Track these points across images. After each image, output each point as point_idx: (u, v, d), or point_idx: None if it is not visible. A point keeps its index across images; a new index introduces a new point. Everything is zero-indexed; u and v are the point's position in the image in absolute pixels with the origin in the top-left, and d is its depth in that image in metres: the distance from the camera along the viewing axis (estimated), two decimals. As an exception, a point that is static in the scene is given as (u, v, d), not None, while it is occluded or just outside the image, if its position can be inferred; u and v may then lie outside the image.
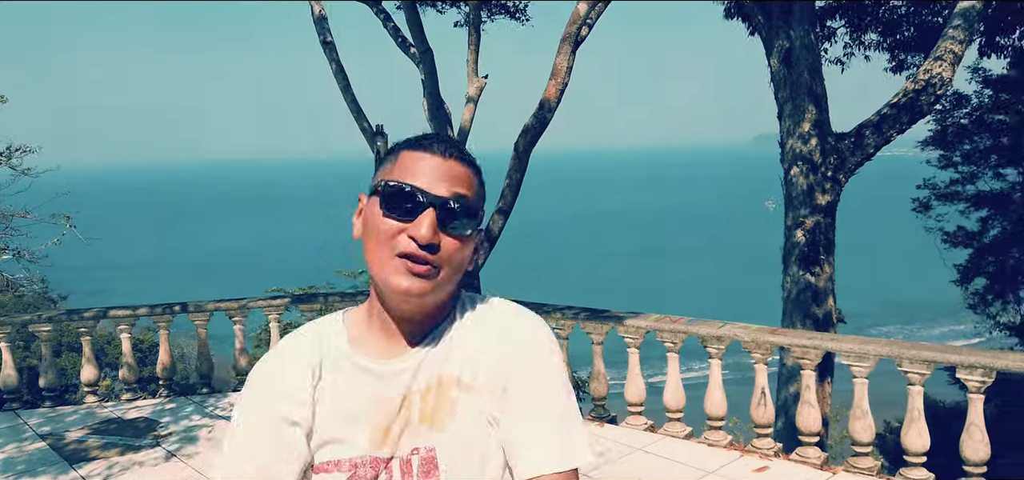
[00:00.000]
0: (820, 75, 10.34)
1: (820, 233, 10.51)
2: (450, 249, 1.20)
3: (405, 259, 1.18)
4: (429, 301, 1.23)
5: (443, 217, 1.19)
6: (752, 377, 6.28)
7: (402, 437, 1.24)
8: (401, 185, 1.19)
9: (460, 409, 1.25)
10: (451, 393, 1.25)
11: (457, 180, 1.21)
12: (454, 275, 1.23)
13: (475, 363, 1.27)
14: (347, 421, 1.25)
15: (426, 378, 1.26)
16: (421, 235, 1.16)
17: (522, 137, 9.61)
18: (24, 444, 6.67)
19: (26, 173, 12.12)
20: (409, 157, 1.23)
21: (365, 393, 1.26)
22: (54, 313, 8.50)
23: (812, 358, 5.88)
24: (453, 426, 1.24)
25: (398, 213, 1.19)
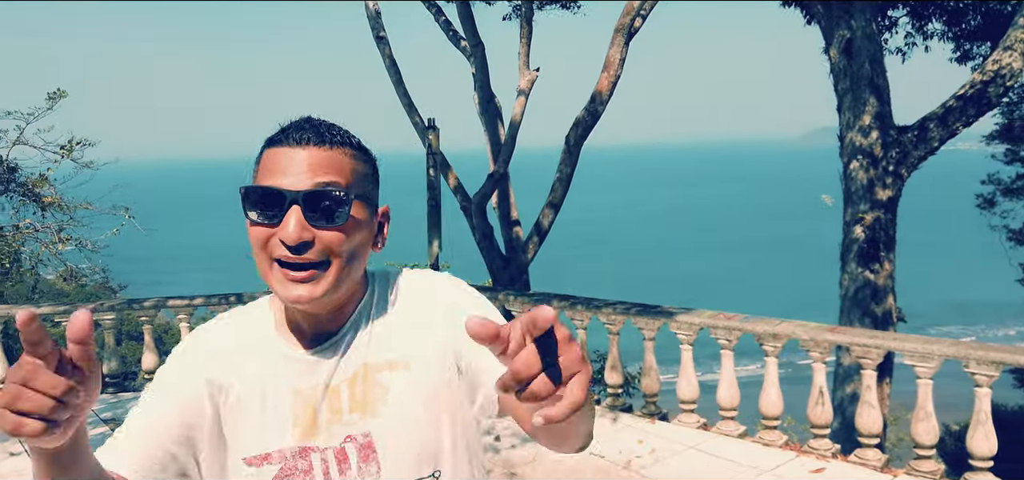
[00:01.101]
0: (882, 66, 10.03)
1: (880, 229, 10.22)
2: (331, 242, 1.12)
3: (284, 268, 1.11)
4: (325, 302, 1.16)
5: (312, 211, 1.10)
6: (806, 376, 6.12)
7: (332, 426, 1.21)
8: (258, 188, 1.12)
9: (392, 390, 1.21)
10: (381, 377, 1.22)
11: (322, 168, 1.12)
12: (348, 266, 1.15)
13: (399, 340, 1.24)
14: (272, 410, 1.21)
15: (351, 366, 1.22)
16: (288, 236, 1.09)
17: (573, 130, 9.54)
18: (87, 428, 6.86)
19: (88, 166, 12.54)
20: (268, 155, 1.15)
21: (289, 382, 1.22)
22: (116, 302, 8.75)
23: (873, 357, 5.69)
24: (385, 410, 1.21)
25: (264, 218, 1.11)
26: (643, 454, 5.97)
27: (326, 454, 1.20)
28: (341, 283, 1.15)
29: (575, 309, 7.36)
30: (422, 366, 1.22)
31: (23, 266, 12.97)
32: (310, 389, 1.21)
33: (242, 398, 1.22)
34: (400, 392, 1.21)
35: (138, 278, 35.16)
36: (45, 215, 12.33)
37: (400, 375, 1.22)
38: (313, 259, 1.11)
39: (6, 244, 12.10)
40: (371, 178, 1.22)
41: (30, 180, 12.32)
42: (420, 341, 1.23)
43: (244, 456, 1.21)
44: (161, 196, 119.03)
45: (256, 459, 1.20)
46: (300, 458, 1.20)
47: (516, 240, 10.64)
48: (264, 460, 1.20)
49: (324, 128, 1.16)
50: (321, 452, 1.20)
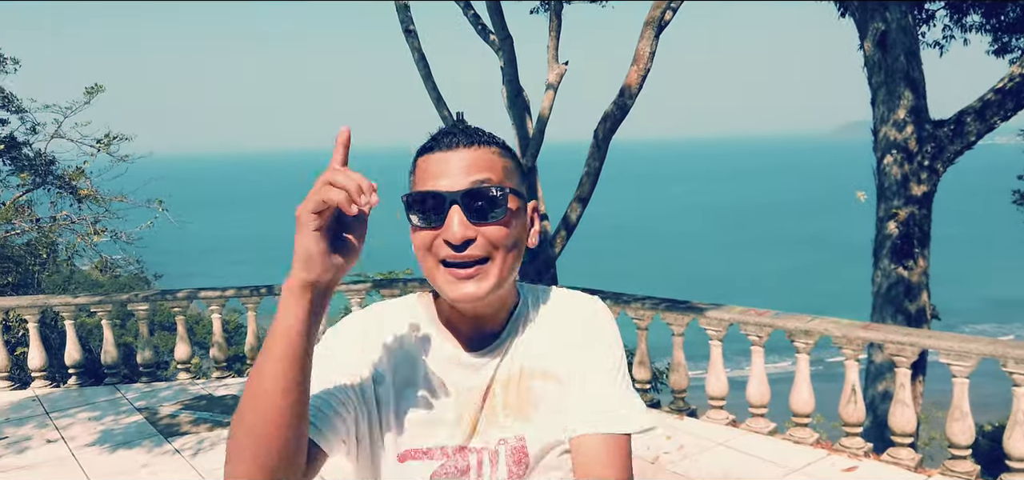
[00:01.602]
0: (917, 59, 9.85)
1: (914, 225, 10.04)
2: (491, 237, 1.16)
3: (450, 267, 1.16)
4: (491, 298, 1.19)
5: (470, 209, 1.14)
6: (837, 373, 6.04)
7: (490, 428, 1.25)
8: (419, 193, 1.17)
9: (545, 400, 1.25)
10: (534, 384, 1.26)
11: (476, 166, 1.16)
12: (508, 260, 1.19)
13: (552, 354, 1.28)
14: (431, 408, 1.24)
15: (508, 370, 1.26)
16: (453, 235, 1.13)
17: (602, 124, 9.49)
18: (121, 417, 7.00)
19: (124, 160, 12.74)
20: (423, 162, 1.20)
21: (451, 381, 1.25)
22: (150, 293, 8.88)
23: (908, 355, 5.60)
24: (537, 416, 1.24)
25: (427, 221, 1.16)
26: (671, 450, 5.94)
27: (482, 455, 1.24)
28: (504, 277, 1.19)
29: (633, 305, 7.33)
30: (569, 384, 1.26)
31: (59, 257, 13.22)
32: (469, 390, 1.25)
33: (402, 392, 1.25)
34: (551, 403, 1.26)
35: (171, 270, 35.72)
36: (81, 207, 12.56)
37: (552, 387, 1.26)
38: (476, 255, 1.15)
39: (44, 235, 12.34)
40: (519, 173, 1.25)
41: (67, 173, 12.55)
42: (570, 361, 1.27)
43: (401, 451, 1.24)
44: (194, 189, 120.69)
45: (415, 453, 1.23)
46: (458, 457, 1.23)
47: (544, 234, 10.63)
48: (424, 455, 1.23)
49: (472, 130, 1.21)
50: (478, 452, 1.24)
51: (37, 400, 7.60)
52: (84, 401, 7.52)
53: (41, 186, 12.64)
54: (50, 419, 6.97)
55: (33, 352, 8.11)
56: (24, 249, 12.36)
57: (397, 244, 11.54)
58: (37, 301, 8.25)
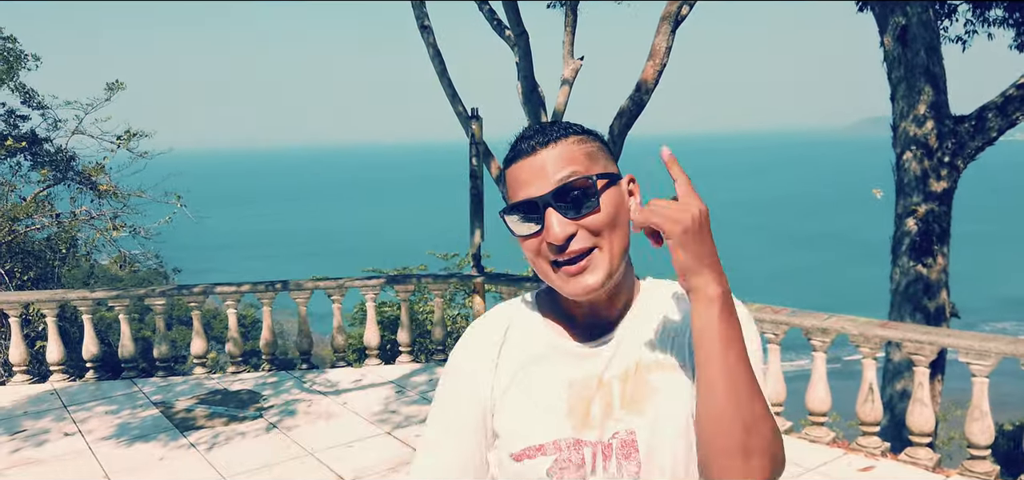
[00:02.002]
0: (938, 54, 9.73)
1: (933, 222, 9.93)
2: (592, 226, 1.18)
3: (562, 267, 1.18)
4: (604, 288, 1.21)
5: (564, 206, 1.17)
6: (853, 370, 5.98)
7: (605, 421, 1.24)
8: (514, 205, 1.20)
9: (662, 392, 1.24)
10: (651, 377, 1.25)
11: (559, 163, 1.18)
12: (613, 244, 1.20)
13: (668, 346, 1.27)
14: (547, 399, 1.25)
15: (624, 362, 1.26)
16: (554, 236, 1.16)
17: (617, 120, 9.43)
18: (138, 410, 7.05)
19: (142, 156, 12.85)
20: (511, 174, 1.23)
21: (564, 373, 1.26)
22: (166, 288, 8.95)
23: (926, 354, 5.53)
24: (652, 409, 1.23)
25: (529, 229, 1.20)
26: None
27: (597, 448, 1.23)
28: (615, 266, 1.20)
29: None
30: (688, 377, 1.24)
31: (79, 252, 13.35)
32: (584, 381, 1.25)
33: (518, 392, 1.27)
34: (668, 395, 1.23)
35: (190, 264, 36.01)
36: (101, 203, 12.68)
37: (669, 378, 1.24)
38: (581, 249, 1.17)
39: (64, 231, 12.46)
40: (605, 153, 1.26)
41: (87, 169, 12.66)
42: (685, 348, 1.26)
43: (517, 448, 1.25)
44: (212, 185, 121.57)
45: (530, 450, 1.24)
46: (574, 450, 1.23)
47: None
48: (539, 451, 1.23)
49: (546, 128, 1.23)
50: (593, 446, 1.23)
51: (55, 393, 7.68)
52: (101, 395, 7.59)
53: (61, 182, 12.78)
54: (68, 412, 7.03)
55: (51, 346, 8.19)
56: (44, 244, 12.49)
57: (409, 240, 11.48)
58: (55, 295, 8.32)
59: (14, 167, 12.74)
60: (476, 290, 8.56)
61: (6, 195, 12.38)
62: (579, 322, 1.28)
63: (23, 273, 11.51)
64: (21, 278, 11.41)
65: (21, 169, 12.83)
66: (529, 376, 1.27)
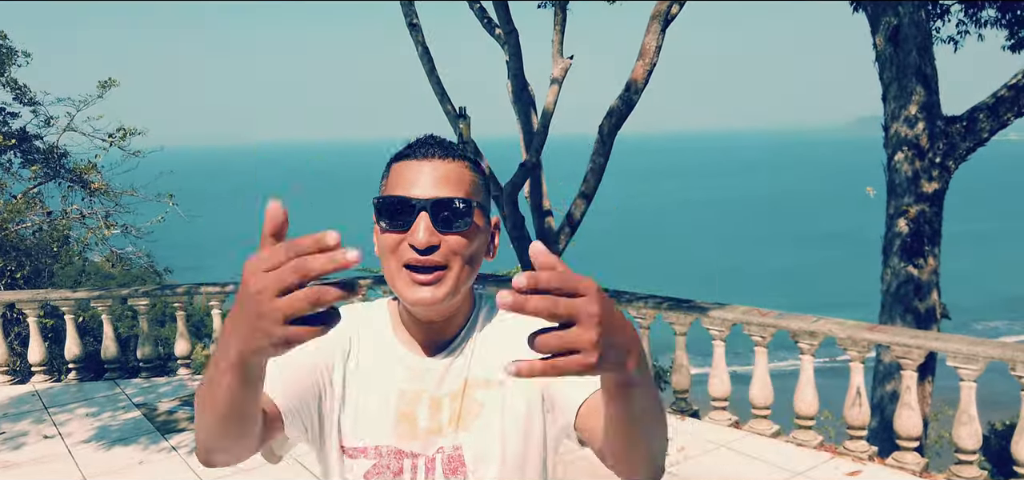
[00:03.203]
0: (930, 54, 9.69)
1: (925, 223, 9.90)
2: (453, 247, 1.20)
3: (411, 271, 1.20)
4: (445, 305, 1.24)
5: (438, 218, 1.19)
6: (843, 368, 5.93)
7: (429, 435, 1.28)
8: (391, 197, 1.21)
9: (487, 407, 1.29)
10: (477, 395, 1.30)
11: (447, 179, 1.22)
12: (466, 271, 1.23)
13: (496, 361, 1.30)
14: (377, 405, 1.29)
15: (455, 381, 1.30)
16: (418, 240, 1.18)
17: (607, 119, 9.39)
18: (119, 413, 6.97)
19: (135, 155, 12.75)
20: (398, 168, 1.25)
21: (397, 382, 1.30)
22: (150, 288, 8.86)
23: (914, 358, 5.49)
24: (478, 425, 1.28)
25: (396, 225, 1.21)
26: (672, 452, 5.85)
27: (418, 461, 1.28)
28: (459, 287, 1.23)
29: (636, 305, 7.24)
30: (515, 389, 1.29)
31: (71, 250, 13.25)
32: (415, 394, 1.30)
33: (353, 388, 1.30)
34: (493, 410, 1.29)
35: (182, 263, 35.86)
36: (93, 201, 12.57)
37: (495, 394, 1.30)
38: (438, 262, 1.19)
39: (55, 229, 12.36)
40: (485, 190, 1.30)
41: (79, 167, 12.56)
42: None
43: (346, 443, 1.29)
44: (204, 183, 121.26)
45: (354, 450, 1.28)
46: (393, 459, 1.28)
47: (548, 230, 10.54)
48: (361, 453, 1.28)
49: (446, 144, 1.27)
50: (413, 457, 1.28)
51: (36, 395, 7.59)
52: (83, 396, 7.50)
53: (53, 179, 12.67)
54: (48, 414, 6.95)
55: (33, 346, 8.10)
56: (36, 242, 12.39)
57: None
58: (37, 295, 8.23)
59: (5, 164, 12.63)
60: (464, 291, 8.50)
61: (-3, 192, 12.28)
62: (419, 336, 1.32)
63: (15, 271, 11.40)
64: (12, 276, 11.31)
65: (12, 166, 12.72)
66: (368, 378, 1.31)
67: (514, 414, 1.28)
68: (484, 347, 1.32)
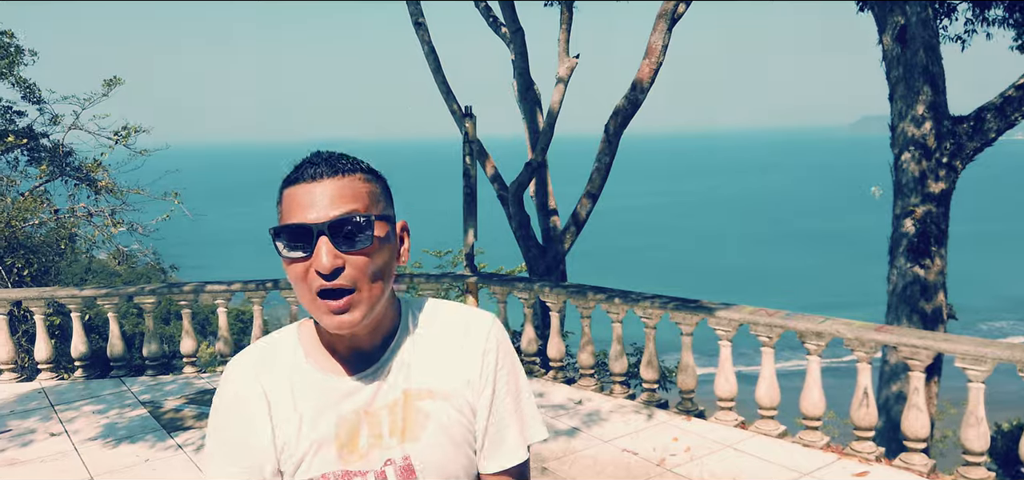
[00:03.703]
0: (937, 54, 9.65)
1: (931, 223, 9.86)
2: (360, 266, 1.19)
3: (325, 299, 1.19)
4: (363, 325, 1.23)
5: (338, 238, 1.18)
6: (849, 368, 5.91)
7: (372, 450, 1.28)
8: (286, 226, 1.19)
9: (433, 417, 1.30)
10: (421, 404, 1.30)
11: (341, 197, 1.19)
12: (377, 285, 1.22)
13: (439, 371, 1.32)
14: (314, 438, 1.27)
15: (392, 392, 1.30)
16: (321, 265, 1.16)
17: (612, 119, 9.37)
18: (126, 410, 6.97)
19: (141, 153, 12.78)
20: (290, 193, 1.22)
21: (330, 406, 1.28)
22: (156, 286, 8.87)
23: (922, 359, 5.46)
24: (426, 436, 1.29)
25: (297, 253, 1.19)
26: (678, 452, 5.83)
27: (367, 477, 1.28)
28: (376, 303, 1.23)
29: (612, 302, 7.22)
30: (459, 398, 1.32)
31: (78, 247, 13.29)
32: (352, 413, 1.28)
33: (290, 428, 1.28)
34: (440, 420, 1.31)
35: (187, 261, 35.91)
36: (99, 199, 12.60)
37: (441, 405, 1.31)
38: (346, 285, 1.18)
39: (62, 226, 12.40)
40: (385, 196, 1.28)
41: (85, 165, 12.59)
42: (458, 375, 1.33)
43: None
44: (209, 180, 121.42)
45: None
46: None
47: (553, 230, 10.53)
48: None
49: (334, 159, 1.23)
50: (362, 475, 1.28)
51: (43, 392, 7.60)
52: (89, 394, 7.52)
53: (59, 177, 12.71)
54: (55, 412, 6.96)
55: (40, 344, 8.12)
56: (43, 239, 12.42)
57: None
58: (44, 293, 8.25)
59: (12, 162, 12.67)
60: (469, 290, 8.49)
61: (5, 190, 12.31)
62: (343, 353, 1.30)
63: (22, 269, 11.43)
64: (20, 274, 11.34)
65: (19, 164, 12.76)
66: (300, 414, 1.28)
67: (462, 424, 1.32)
68: (421, 356, 1.33)
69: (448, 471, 1.31)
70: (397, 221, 1.31)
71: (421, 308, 1.39)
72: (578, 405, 6.95)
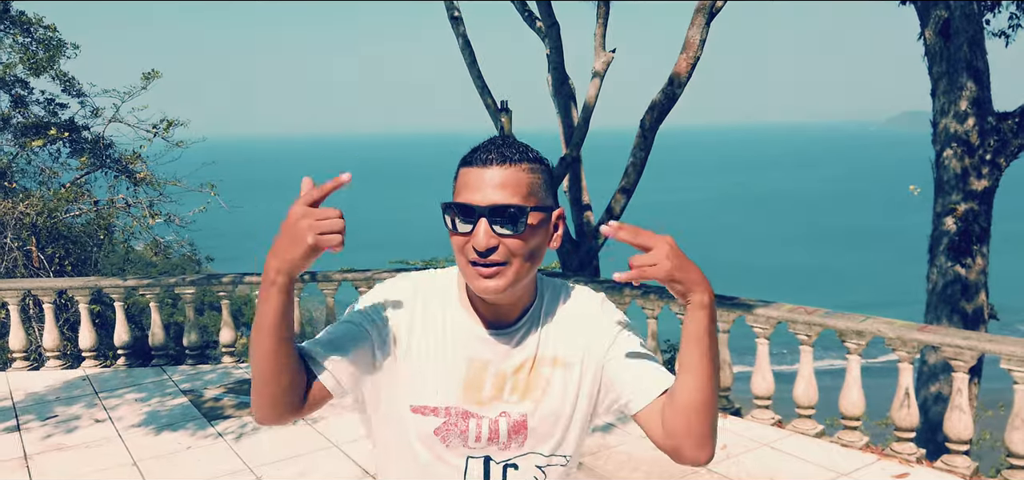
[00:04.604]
0: (981, 48, 9.45)
1: (973, 221, 9.68)
2: (511, 247, 1.35)
3: (476, 266, 1.35)
4: (507, 295, 1.38)
5: (495, 222, 1.33)
6: (884, 368, 5.82)
7: (493, 401, 1.44)
8: (455, 204, 1.37)
9: (553, 383, 1.46)
10: (544, 370, 1.47)
11: (504, 185, 1.34)
12: (525, 266, 1.37)
13: (565, 343, 1.48)
14: (447, 369, 1.44)
15: (520, 357, 1.46)
16: (478, 243, 1.33)
17: (648, 113, 9.31)
18: (167, 399, 7.11)
19: (178, 146, 12.99)
20: (463, 174, 1.39)
21: (466, 350, 1.45)
22: (196, 276, 9.02)
23: (966, 360, 5.36)
24: (543, 399, 1.45)
25: (461, 228, 1.36)
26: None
27: (482, 422, 1.44)
28: (520, 279, 1.38)
29: (647, 298, 7.19)
30: (579, 370, 1.48)
31: (116, 238, 13.54)
32: (482, 364, 1.45)
33: (423, 346, 1.45)
34: (557, 386, 1.47)
35: (222, 253, 36.44)
36: (137, 191, 12.84)
37: (560, 373, 1.47)
38: (498, 260, 1.34)
39: (101, 217, 12.65)
40: (546, 185, 1.42)
41: (124, 157, 12.84)
42: (582, 349, 1.48)
43: (414, 403, 1.44)
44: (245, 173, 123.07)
45: (423, 408, 1.44)
46: (461, 419, 1.43)
47: (586, 225, 10.51)
48: (432, 412, 1.43)
49: (505, 148, 1.37)
50: (478, 419, 1.44)
51: (87, 379, 7.78)
52: (131, 382, 7.68)
53: (99, 169, 12.96)
54: (99, 399, 7.12)
55: (84, 332, 8.30)
56: (83, 230, 12.69)
57: (439, 233, 11.30)
58: (88, 282, 8.43)
59: (54, 154, 12.95)
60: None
61: (47, 181, 12.59)
62: (485, 312, 1.46)
63: (63, 259, 11.70)
64: (61, 263, 11.60)
65: (61, 156, 13.04)
66: (436, 343, 1.45)
67: (575, 394, 1.47)
68: (551, 329, 1.49)
69: (556, 435, 1.47)
70: (555, 210, 1.43)
71: (559, 287, 1.55)
72: (612, 401, 6.94)
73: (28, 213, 10.92)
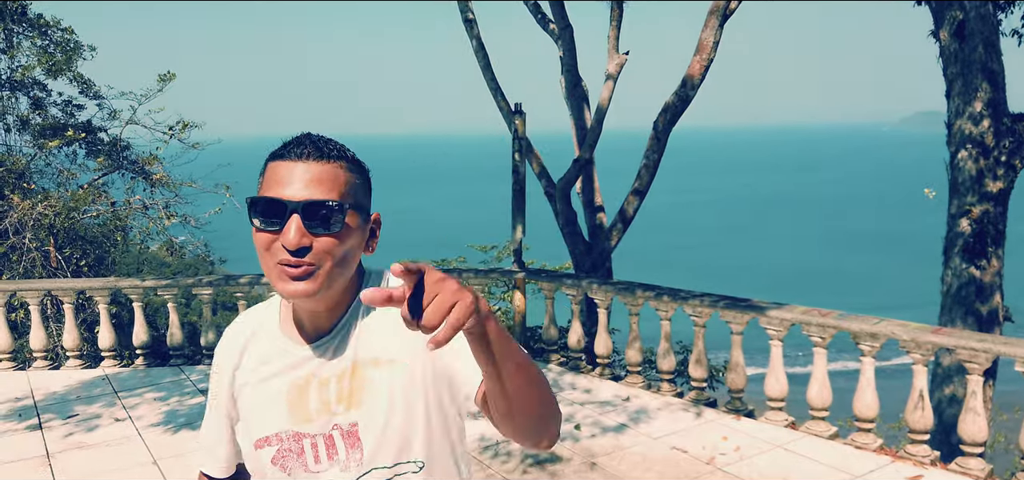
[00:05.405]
0: (997, 49, 9.42)
1: (988, 223, 9.64)
2: (325, 246, 1.25)
3: (284, 266, 1.25)
4: (318, 301, 1.31)
5: (309, 219, 1.23)
6: (897, 370, 5.83)
7: (321, 415, 1.37)
8: (263, 198, 1.26)
9: (377, 384, 1.35)
10: (367, 373, 1.36)
11: (319, 180, 1.25)
12: (339, 268, 1.28)
13: (385, 340, 1.36)
14: (271, 397, 1.40)
15: (341, 362, 1.37)
16: (289, 241, 1.22)
17: (662, 115, 9.34)
18: (185, 398, 7.21)
19: (194, 147, 13.11)
20: (272, 168, 1.29)
21: (286, 372, 1.40)
22: (213, 277, 9.11)
23: (981, 362, 5.37)
24: (370, 402, 1.35)
25: (268, 224, 1.25)
26: (727, 451, 5.82)
27: (316, 439, 1.37)
28: (333, 282, 1.28)
29: (660, 300, 7.22)
30: (405, 364, 1.35)
31: (132, 239, 13.67)
32: (304, 380, 1.38)
33: (249, 384, 1.44)
34: (383, 386, 1.35)
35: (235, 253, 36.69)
36: (154, 192, 12.97)
37: (385, 372, 1.35)
38: (308, 262, 1.24)
39: (118, 218, 12.78)
40: (363, 188, 1.34)
41: (141, 158, 12.97)
42: (405, 341, 1.33)
43: (253, 437, 1.42)
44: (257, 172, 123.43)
45: (260, 441, 1.41)
46: (294, 442, 1.38)
47: (599, 227, 10.55)
48: (266, 442, 1.40)
49: (321, 143, 1.29)
50: (311, 438, 1.37)
51: (107, 379, 7.89)
52: (150, 381, 7.78)
53: (116, 170, 13.10)
54: (118, 398, 7.22)
55: (103, 332, 8.41)
56: (100, 231, 12.83)
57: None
58: (108, 283, 8.54)
59: (71, 156, 13.10)
60: (517, 286, 8.56)
61: (65, 183, 12.74)
62: (305, 325, 1.39)
63: (80, 259, 11.83)
64: (78, 264, 11.74)
65: (78, 157, 13.18)
66: (262, 376, 1.42)
67: (407, 390, 1.35)
68: (369, 330, 1.38)
69: (393, 434, 1.35)
70: (372, 213, 1.37)
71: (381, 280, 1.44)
72: (626, 402, 6.97)
73: (46, 214, 11.05)
